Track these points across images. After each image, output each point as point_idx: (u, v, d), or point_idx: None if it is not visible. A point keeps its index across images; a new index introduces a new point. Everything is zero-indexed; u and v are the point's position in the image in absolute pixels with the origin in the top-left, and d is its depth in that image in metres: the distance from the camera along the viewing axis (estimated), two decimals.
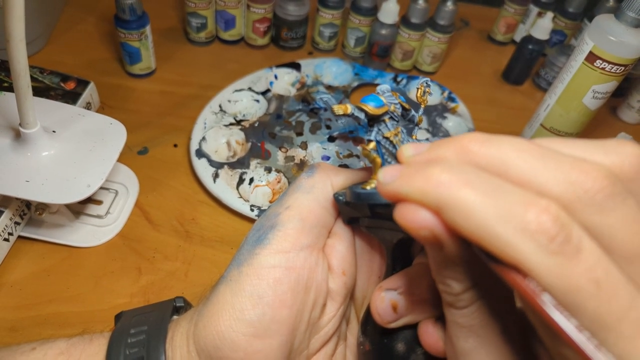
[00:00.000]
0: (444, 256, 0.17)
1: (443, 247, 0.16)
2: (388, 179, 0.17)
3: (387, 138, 0.22)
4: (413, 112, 0.24)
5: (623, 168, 0.15)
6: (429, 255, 0.18)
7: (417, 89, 0.24)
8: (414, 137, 0.24)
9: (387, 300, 0.22)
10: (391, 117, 0.23)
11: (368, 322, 0.24)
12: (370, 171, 0.24)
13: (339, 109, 0.22)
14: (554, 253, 0.14)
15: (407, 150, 0.18)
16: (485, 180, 0.15)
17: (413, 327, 0.23)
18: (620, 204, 0.15)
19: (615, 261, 0.14)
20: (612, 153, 0.16)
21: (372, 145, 0.22)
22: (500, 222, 0.14)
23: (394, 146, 0.23)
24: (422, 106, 0.24)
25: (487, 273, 0.17)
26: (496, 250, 0.14)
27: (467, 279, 0.18)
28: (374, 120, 0.23)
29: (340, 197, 0.24)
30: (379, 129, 0.23)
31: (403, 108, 0.24)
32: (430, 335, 0.22)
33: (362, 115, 0.22)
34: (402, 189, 0.16)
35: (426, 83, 0.24)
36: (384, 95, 0.23)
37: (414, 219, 0.16)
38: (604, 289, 0.13)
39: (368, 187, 0.22)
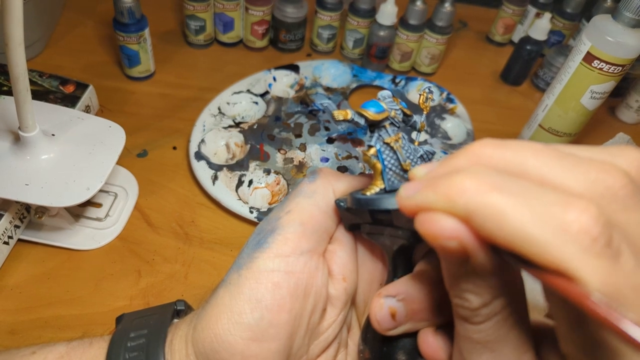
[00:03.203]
0: (465, 269, 0.16)
1: (469, 259, 0.15)
2: (410, 193, 0.16)
3: (387, 144, 0.22)
4: (415, 118, 0.24)
5: (631, 172, 0.15)
6: (445, 268, 0.18)
7: (420, 95, 0.24)
8: (416, 143, 0.24)
9: (385, 307, 0.22)
10: (392, 123, 0.23)
11: (368, 329, 0.24)
12: (372, 177, 0.24)
13: (339, 114, 0.22)
14: (598, 255, 0.13)
15: (419, 170, 0.18)
16: (512, 182, 0.14)
17: (414, 335, 0.22)
18: None
19: None
20: (618, 157, 0.16)
21: (372, 151, 0.22)
22: (538, 225, 0.13)
23: (395, 152, 0.23)
24: (425, 112, 0.24)
25: (508, 285, 0.17)
26: (535, 255, 0.13)
27: (487, 293, 0.17)
28: (374, 126, 0.23)
29: (342, 203, 0.24)
30: (380, 135, 0.23)
31: (404, 114, 0.24)
32: (430, 345, 0.21)
33: (362, 121, 0.22)
34: (427, 200, 0.15)
35: (428, 89, 0.24)
36: (385, 101, 0.23)
37: (441, 229, 0.15)
38: None
39: (368, 193, 0.22)
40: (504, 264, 0.16)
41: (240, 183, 0.50)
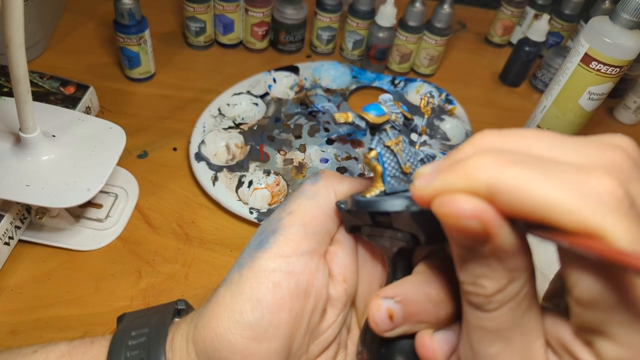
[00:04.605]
0: (481, 253, 0.16)
1: (489, 240, 0.15)
2: (424, 182, 0.16)
3: (387, 147, 0.23)
4: (416, 121, 0.24)
5: (626, 149, 0.16)
6: (457, 255, 0.17)
7: (421, 99, 0.24)
8: (417, 146, 0.24)
9: (383, 308, 0.22)
10: (392, 126, 0.23)
11: (367, 331, 0.24)
12: (373, 180, 0.25)
13: (340, 117, 0.22)
14: (625, 215, 0.13)
15: (424, 169, 0.18)
16: (527, 157, 0.15)
17: (412, 337, 0.22)
18: None
19: None
20: (611, 139, 0.16)
21: (373, 153, 0.23)
22: (563, 191, 0.14)
23: (395, 155, 0.23)
24: (426, 116, 0.24)
25: (522, 268, 0.16)
26: (564, 220, 0.14)
27: (503, 277, 0.16)
28: (375, 128, 0.23)
29: (342, 205, 0.24)
30: (380, 138, 0.23)
31: (405, 117, 0.24)
32: (427, 347, 0.21)
33: (363, 124, 0.23)
34: (445, 182, 0.15)
35: (430, 94, 0.24)
36: (386, 105, 0.23)
37: (463, 208, 0.15)
38: None
39: (368, 195, 0.22)
40: (521, 245, 0.16)
41: (240, 184, 0.50)
